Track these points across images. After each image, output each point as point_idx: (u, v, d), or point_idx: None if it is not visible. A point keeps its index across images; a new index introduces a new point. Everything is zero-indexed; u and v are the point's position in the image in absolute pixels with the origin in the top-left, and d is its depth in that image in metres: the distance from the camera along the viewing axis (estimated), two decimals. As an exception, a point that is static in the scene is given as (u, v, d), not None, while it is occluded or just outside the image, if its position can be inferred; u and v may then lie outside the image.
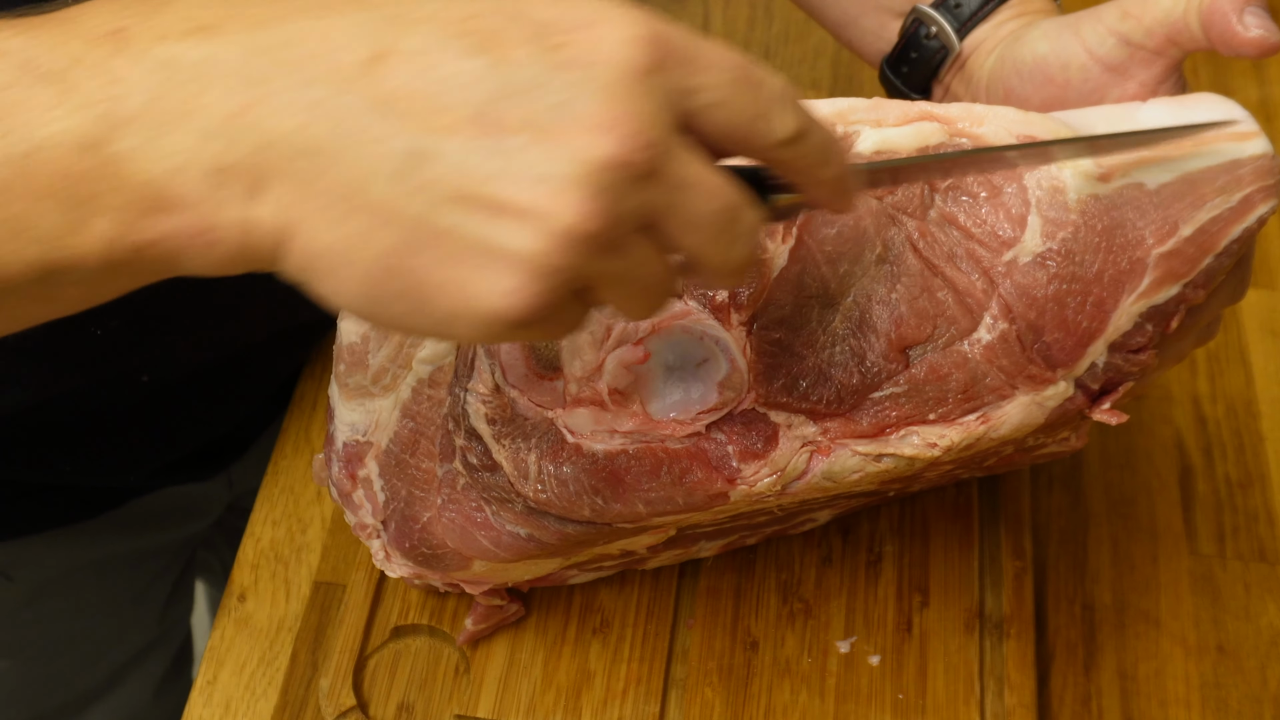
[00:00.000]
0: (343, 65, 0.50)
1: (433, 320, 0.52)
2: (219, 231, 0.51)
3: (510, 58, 0.50)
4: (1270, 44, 0.70)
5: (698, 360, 0.72)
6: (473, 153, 0.49)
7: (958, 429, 0.72)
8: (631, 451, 0.72)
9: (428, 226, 0.50)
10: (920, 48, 0.84)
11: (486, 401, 0.73)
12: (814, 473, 0.73)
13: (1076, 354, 0.71)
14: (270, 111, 0.50)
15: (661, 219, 0.52)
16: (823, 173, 0.56)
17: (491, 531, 0.76)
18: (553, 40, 0.50)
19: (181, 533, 1.22)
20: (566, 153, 0.49)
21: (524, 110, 0.49)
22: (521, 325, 0.51)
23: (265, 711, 0.89)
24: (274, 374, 1.10)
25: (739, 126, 0.53)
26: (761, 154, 0.55)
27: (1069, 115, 0.73)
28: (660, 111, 0.50)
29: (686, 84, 0.51)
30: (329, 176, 0.50)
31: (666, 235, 0.53)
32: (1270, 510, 1.00)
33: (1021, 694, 0.87)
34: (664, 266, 0.54)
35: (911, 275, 0.72)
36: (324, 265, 0.51)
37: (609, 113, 0.49)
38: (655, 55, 0.50)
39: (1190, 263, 0.70)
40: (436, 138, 0.49)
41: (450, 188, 0.49)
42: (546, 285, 0.50)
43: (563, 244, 0.49)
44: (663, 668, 0.89)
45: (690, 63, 0.52)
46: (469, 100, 0.49)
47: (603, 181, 0.49)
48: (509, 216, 0.49)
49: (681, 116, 0.52)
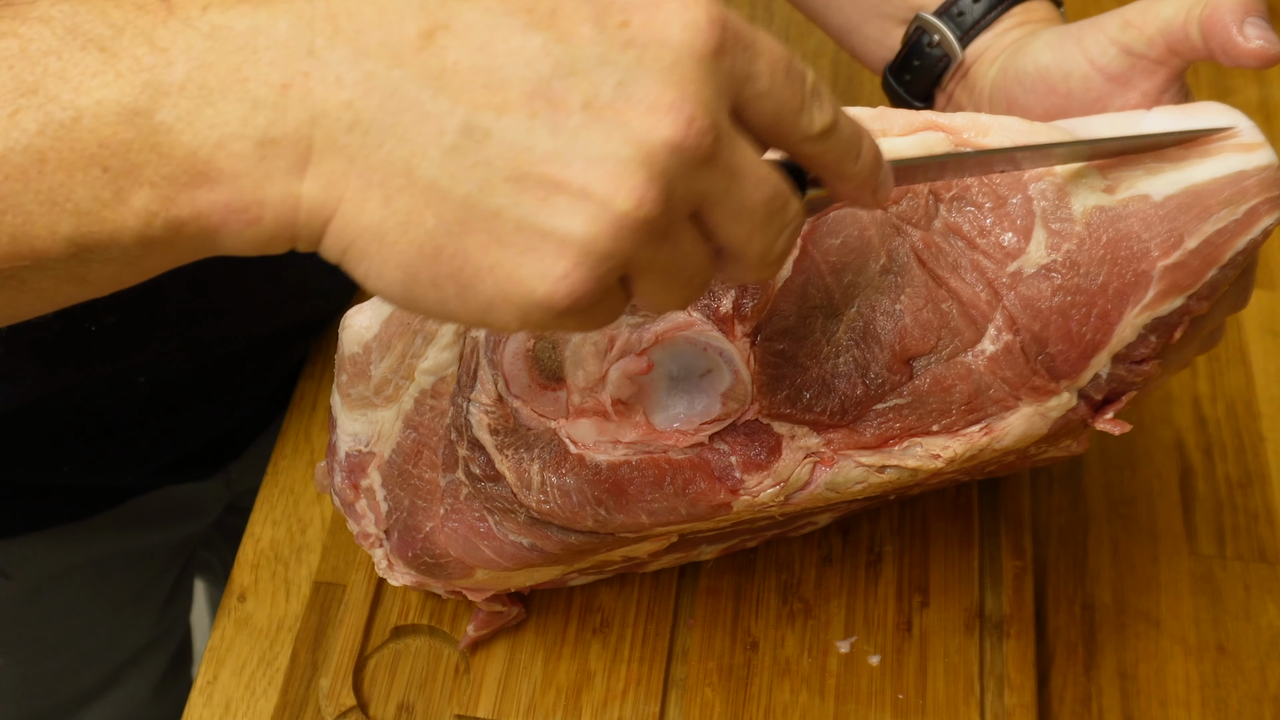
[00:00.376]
0: (397, 38, 0.49)
1: (472, 307, 0.51)
2: (262, 207, 0.50)
3: (571, 35, 0.49)
4: (1271, 55, 0.70)
5: (701, 371, 0.72)
6: (529, 131, 0.48)
7: (961, 440, 0.72)
8: (634, 462, 0.72)
9: (479, 207, 0.49)
10: (923, 56, 0.84)
11: (489, 412, 0.73)
12: (817, 484, 0.73)
13: (1080, 365, 0.71)
14: (320, 83, 0.49)
15: (712, 206, 0.51)
16: (852, 168, 0.56)
17: (494, 541, 0.76)
18: (616, 18, 0.49)
19: (180, 532, 1.22)
20: (627, 134, 0.48)
21: (584, 89, 0.48)
22: (566, 313, 0.50)
23: (265, 711, 0.89)
24: (271, 373, 1.10)
25: (782, 118, 0.52)
26: (795, 146, 0.54)
27: (1073, 124, 0.73)
28: (719, 96, 0.50)
29: (744, 70, 0.51)
30: (379, 153, 0.49)
31: (713, 223, 0.52)
32: (1270, 510, 1.00)
33: (1021, 694, 0.87)
34: (706, 256, 0.53)
35: (916, 286, 0.71)
36: (366, 245, 0.50)
37: (672, 95, 0.48)
38: (719, 38, 0.49)
39: (1195, 275, 0.70)
40: (492, 115, 0.48)
41: (504, 167, 0.48)
42: (597, 272, 0.49)
43: (619, 228, 0.48)
44: (663, 668, 0.89)
45: (749, 49, 0.51)
46: (527, 77, 0.48)
47: (663, 165, 0.48)
48: (565, 198, 0.48)
49: (735, 102, 0.51)
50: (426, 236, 0.49)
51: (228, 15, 0.49)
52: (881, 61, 0.88)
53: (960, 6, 0.82)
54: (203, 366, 1.03)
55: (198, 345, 1.00)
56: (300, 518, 0.98)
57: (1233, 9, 0.70)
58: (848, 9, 0.89)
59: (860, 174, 0.56)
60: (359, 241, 0.50)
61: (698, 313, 0.71)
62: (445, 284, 0.50)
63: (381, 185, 0.49)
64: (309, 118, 0.49)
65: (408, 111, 0.48)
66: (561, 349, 0.72)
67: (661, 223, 0.49)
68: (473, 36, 0.49)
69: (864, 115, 0.71)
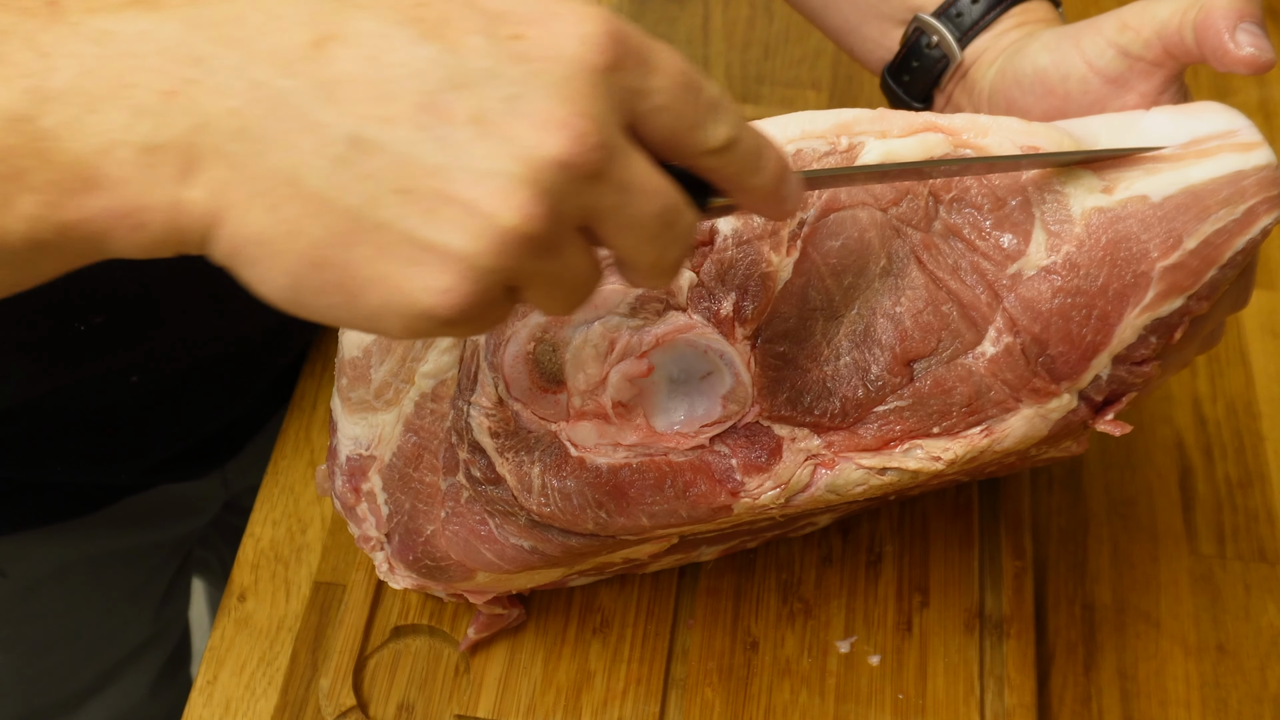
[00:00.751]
0: (287, 46, 0.48)
1: (359, 315, 0.51)
2: (148, 213, 0.49)
3: (462, 46, 0.49)
4: (1261, 62, 0.70)
5: (701, 373, 0.72)
6: (416, 144, 0.48)
7: (961, 442, 0.72)
8: (635, 465, 0.72)
9: (364, 219, 0.48)
10: (922, 57, 0.84)
11: (490, 415, 0.73)
12: (817, 486, 0.73)
13: (1081, 367, 0.71)
14: (207, 91, 0.48)
15: (601, 219, 0.51)
16: (752, 181, 0.55)
17: (495, 544, 0.76)
18: (507, 31, 0.49)
19: (177, 530, 1.22)
20: (514, 149, 0.48)
21: (473, 102, 0.48)
22: (451, 323, 0.50)
23: (265, 711, 0.89)
24: (265, 371, 1.10)
25: (678, 132, 0.52)
26: (693, 160, 0.54)
27: (1072, 124, 0.73)
28: (611, 112, 0.50)
29: (638, 85, 0.51)
30: (264, 162, 0.48)
31: (602, 235, 0.52)
32: (1270, 510, 1.00)
33: (1021, 694, 0.87)
34: (592, 266, 0.53)
35: (916, 288, 0.71)
36: (253, 253, 0.50)
37: (562, 110, 0.48)
38: (613, 54, 0.49)
39: (1194, 275, 0.70)
40: (379, 127, 0.48)
41: (390, 180, 0.48)
42: (481, 285, 0.49)
43: (503, 243, 0.48)
44: (663, 668, 0.89)
45: (644, 64, 0.51)
46: (416, 89, 0.48)
47: (549, 181, 0.48)
48: (450, 212, 0.48)
49: (629, 117, 0.51)
50: (312, 246, 0.49)
51: (114, 20, 0.49)
52: (880, 62, 0.88)
53: (959, 7, 0.82)
54: (196, 365, 1.02)
55: (189, 344, 1.00)
56: (300, 518, 0.98)
57: (1226, 14, 0.70)
58: (846, 10, 0.89)
59: (763, 187, 0.56)
60: (246, 249, 0.50)
61: (698, 315, 0.71)
62: (332, 292, 0.50)
63: (267, 194, 0.49)
64: (194, 125, 0.48)
65: (294, 121, 0.48)
66: (562, 352, 0.72)
67: (547, 237, 0.49)
68: (363, 46, 0.49)
69: (863, 116, 0.71)
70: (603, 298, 0.71)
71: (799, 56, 1.28)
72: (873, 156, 0.70)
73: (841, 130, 0.71)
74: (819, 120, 0.71)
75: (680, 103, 0.52)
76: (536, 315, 0.71)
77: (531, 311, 0.71)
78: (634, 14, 1.31)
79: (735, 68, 1.27)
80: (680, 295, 0.71)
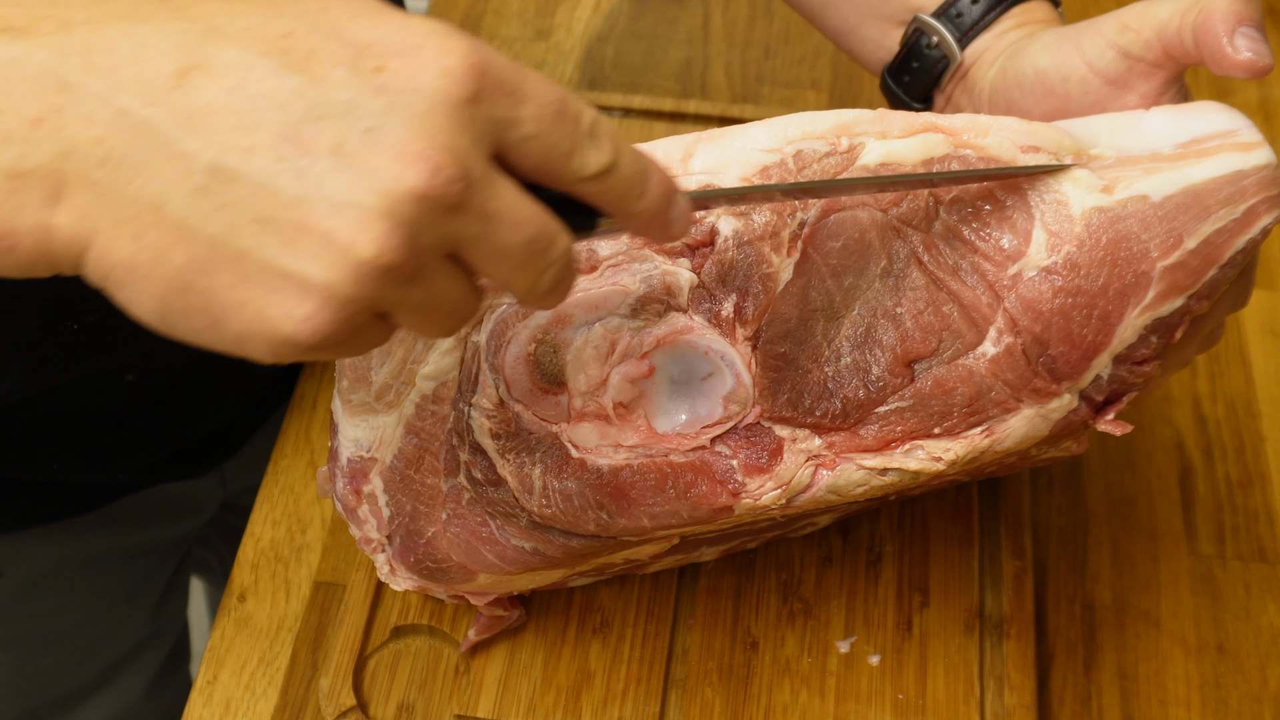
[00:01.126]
0: (152, 75, 0.49)
1: (225, 339, 0.51)
2: (17, 236, 0.50)
3: (324, 78, 0.49)
4: (1259, 67, 0.70)
5: (702, 374, 0.72)
6: (277, 175, 0.49)
7: (962, 443, 0.72)
8: (636, 466, 0.72)
9: (226, 247, 0.49)
10: (922, 57, 0.84)
11: (491, 416, 0.73)
12: (818, 486, 0.73)
13: (1081, 367, 0.71)
14: (74, 118, 0.49)
15: (468, 248, 0.52)
16: (635, 205, 0.56)
17: (496, 546, 0.76)
18: (371, 63, 0.50)
19: (175, 529, 1.22)
20: (372, 181, 0.49)
21: (333, 134, 0.49)
22: (316, 349, 0.51)
23: (265, 711, 0.89)
24: (263, 370, 1.10)
25: (551, 161, 0.53)
26: (570, 186, 0.54)
27: (1072, 124, 0.73)
28: (474, 143, 0.50)
29: (505, 116, 0.51)
30: (129, 189, 0.49)
31: (471, 262, 0.52)
32: (1270, 510, 1.00)
33: (1021, 694, 0.87)
34: (466, 292, 0.53)
35: (916, 289, 0.71)
36: (121, 277, 0.50)
37: (420, 143, 0.49)
38: (475, 86, 0.50)
39: (1195, 275, 0.70)
40: (240, 157, 0.49)
41: (251, 209, 0.49)
42: (341, 314, 0.50)
43: (359, 275, 0.49)
44: (663, 668, 0.89)
45: (511, 95, 0.51)
46: (277, 120, 0.49)
47: (407, 213, 0.49)
48: (308, 242, 0.49)
49: (496, 148, 0.52)
50: (176, 273, 0.50)
51: None
52: (880, 63, 0.88)
53: (959, 8, 0.82)
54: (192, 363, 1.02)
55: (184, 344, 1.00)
56: (300, 518, 0.98)
57: (1225, 17, 0.70)
58: (846, 10, 0.89)
59: (646, 211, 0.57)
60: (114, 273, 0.50)
61: (699, 316, 0.71)
62: (197, 317, 0.51)
63: (132, 221, 0.49)
64: (60, 152, 0.49)
65: (158, 150, 0.49)
66: (563, 353, 0.72)
67: (407, 268, 0.50)
68: (227, 77, 0.49)
69: (864, 117, 0.71)
70: (604, 299, 0.71)
71: (799, 56, 1.28)
72: (873, 157, 0.70)
73: (842, 131, 0.71)
74: (819, 121, 0.71)
75: (552, 131, 0.52)
76: (538, 316, 0.71)
77: (534, 312, 0.71)
78: (634, 14, 1.31)
79: (735, 68, 1.27)
80: (681, 296, 0.71)
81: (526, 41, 1.29)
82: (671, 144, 0.72)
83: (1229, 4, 0.70)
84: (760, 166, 0.71)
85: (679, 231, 0.59)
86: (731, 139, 0.72)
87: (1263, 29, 0.71)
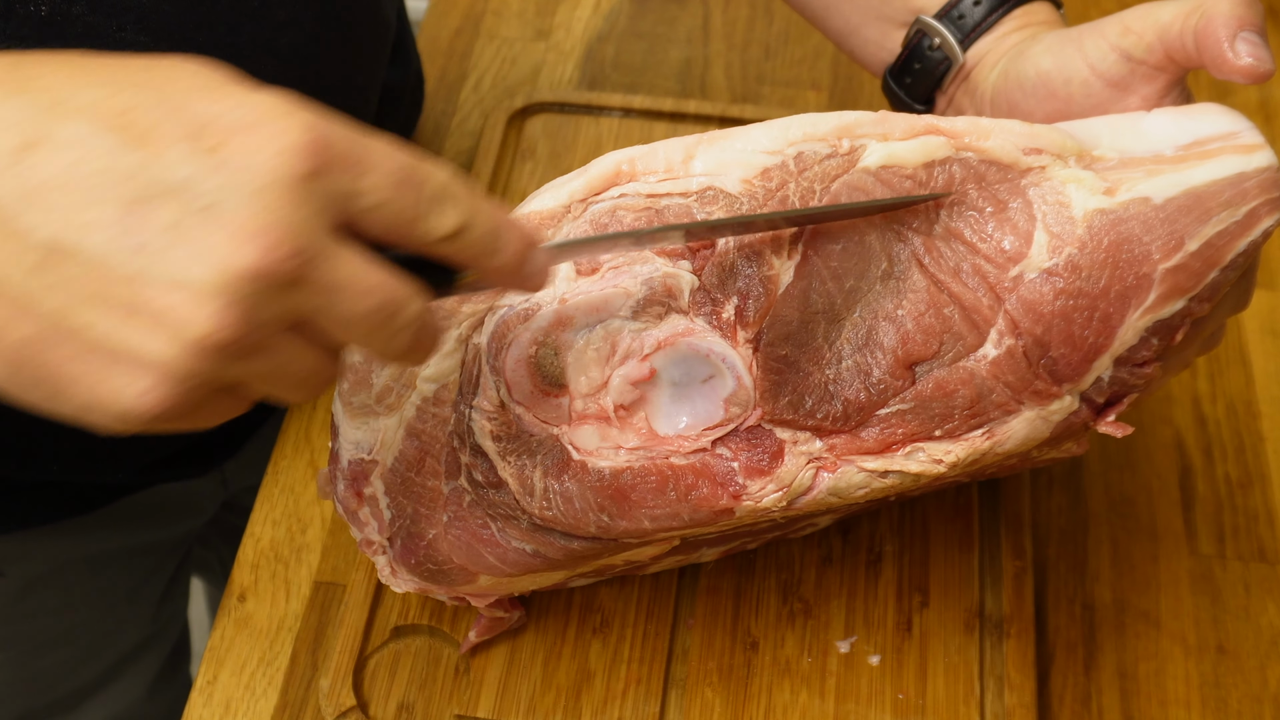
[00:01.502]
0: None
1: (69, 410, 0.52)
2: None
3: (163, 156, 0.49)
4: (1260, 72, 0.70)
5: (703, 377, 0.72)
6: (113, 252, 0.49)
7: (963, 445, 0.72)
8: (637, 468, 0.72)
9: (64, 323, 0.50)
10: (924, 59, 0.83)
11: (492, 418, 0.73)
12: (819, 489, 0.73)
13: (1082, 369, 0.71)
14: None
15: (312, 319, 0.52)
16: (491, 262, 0.57)
17: (497, 548, 0.76)
18: (209, 141, 0.50)
19: (176, 530, 1.22)
20: (208, 259, 0.49)
21: (171, 211, 0.49)
22: (159, 421, 0.51)
23: (265, 711, 0.89)
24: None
25: (399, 227, 0.53)
26: (422, 249, 0.55)
27: (1074, 126, 0.73)
28: (313, 218, 0.50)
29: (347, 188, 0.52)
30: None
31: (319, 331, 0.53)
32: (1270, 510, 1.00)
33: (1021, 694, 0.87)
34: (318, 360, 0.54)
35: (918, 291, 0.71)
36: None
37: (256, 220, 0.49)
38: (314, 162, 0.50)
39: (1196, 277, 0.70)
40: (78, 233, 0.49)
41: (87, 286, 0.49)
42: (180, 390, 0.50)
43: (195, 352, 0.50)
44: (663, 668, 0.89)
45: (353, 166, 0.52)
46: (116, 197, 0.49)
47: (242, 291, 0.49)
48: (144, 319, 0.49)
49: (340, 219, 0.52)
50: (15, 346, 0.50)
51: None
52: (882, 64, 0.88)
53: (961, 9, 0.82)
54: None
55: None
56: (300, 518, 0.98)
57: (1227, 21, 0.70)
58: (847, 11, 0.89)
59: (503, 268, 0.57)
60: None
61: (700, 318, 0.71)
62: (40, 388, 0.51)
63: None
64: None
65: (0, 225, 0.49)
66: (564, 355, 0.72)
67: (245, 344, 0.50)
68: (68, 153, 0.49)
69: (865, 119, 0.71)
70: (605, 301, 0.71)
71: (799, 56, 1.28)
72: (874, 160, 0.70)
73: (843, 133, 0.71)
74: (820, 123, 0.71)
75: (397, 199, 0.53)
76: (539, 319, 0.71)
77: (535, 314, 0.71)
78: (634, 14, 1.31)
79: (735, 68, 1.27)
80: (682, 299, 0.71)
81: (526, 41, 1.29)
82: (673, 145, 0.72)
83: (1231, 8, 0.70)
84: (761, 168, 0.71)
85: (537, 285, 0.60)
86: (733, 140, 0.72)
87: (1264, 34, 0.71)
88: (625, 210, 0.71)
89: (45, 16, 0.76)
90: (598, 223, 0.71)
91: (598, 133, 1.19)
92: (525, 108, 1.19)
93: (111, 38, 0.79)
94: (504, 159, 1.16)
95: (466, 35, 1.29)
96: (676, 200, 0.71)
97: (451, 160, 1.18)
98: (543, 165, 1.16)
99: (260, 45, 0.86)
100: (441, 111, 1.23)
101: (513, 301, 0.72)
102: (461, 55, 1.28)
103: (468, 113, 1.23)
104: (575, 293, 0.71)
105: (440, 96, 1.24)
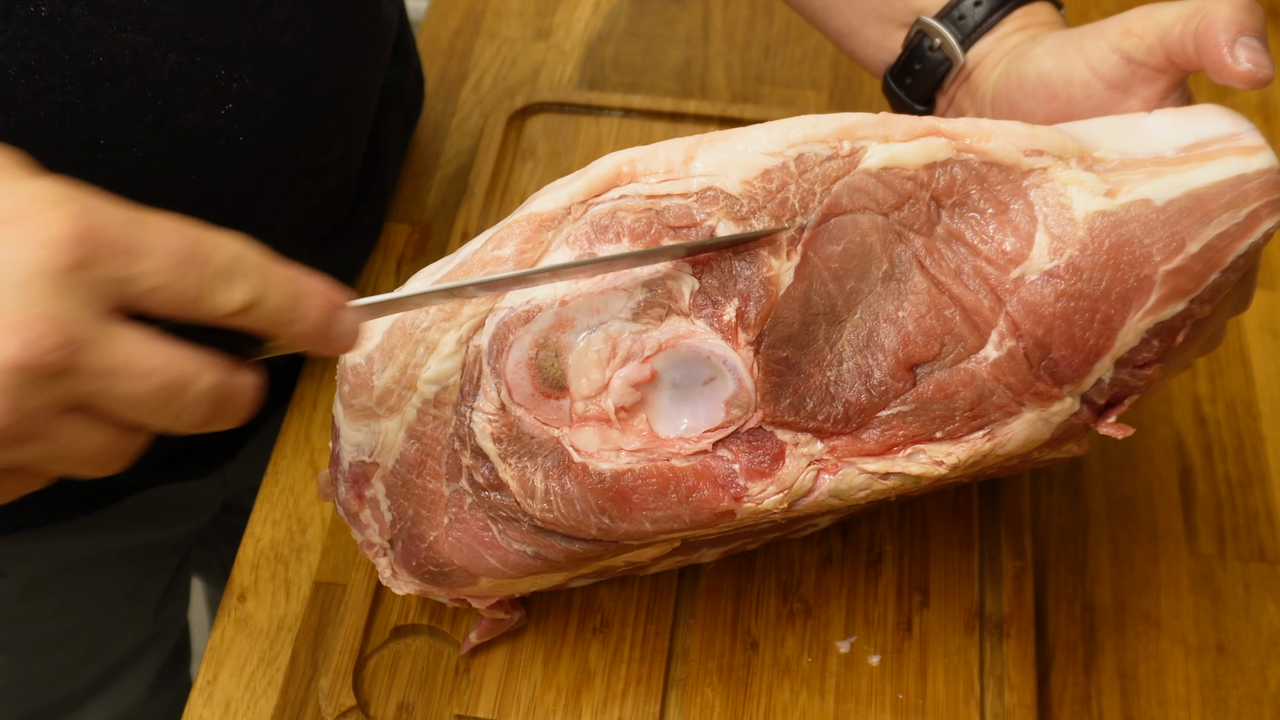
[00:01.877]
0: None
1: None
2: None
3: None
4: (1259, 78, 0.70)
5: (704, 379, 0.72)
6: None
7: (964, 446, 0.72)
8: (638, 470, 0.72)
9: None
10: (924, 59, 0.83)
11: (492, 420, 0.73)
12: (820, 490, 0.73)
13: (1084, 370, 0.71)
14: None
15: (90, 404, 0.52)
16: (291, 330, 0.57)
17: (498, 550, 0.76)
18: None
19: (176, 530, 1.22)
20: None
21: None
22: None
23: (265, 711, 0.89)
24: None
25: (184, 305, 0.54)
26: (214, 323, 0.55)
27: (1075, 127, 0.73)
28: (83, 306, 0.51)
29: (119, 274, 0.52)
30: None
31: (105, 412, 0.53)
32: (1270, 510, 1.00)
33: (1021, 694, 0.87)
34: (107, 437, 0.54)
35: (919, 293, 0.71)
36: None
37: (18, 314, 0.49)
38: (80, 252, 0.50)
39: (1197, 279, 0.70)
40: None
41: None
42: None
43: None
44: (663, 668, 0.89)
45: (126, 253, 0.52)
46: None
47: (6, 383, 0.50)
48: None
49: (115, 304, 0.52)
50: None
51: None
52: (882, 65, 0.88)
53: (961, 10, 0.82)
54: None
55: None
56: (300, 518, 0.98)
57: (1226, 26, 0.70)
58: (848, 12, 0.89)
59: (306, 333, 0.57)
60: None
61: (701, 320, 0.71)
62: None
63: None
64: None
65: None
66: (565, 357, 0.72)
67: (15, 432, 0.51)
68: None
69: (866, 121, 0.71)
70: (606, 303, 0.71)
71: (799, 56, 1.28)
72: (875, 161, 0.70)
73: (844, 134, 0.71)
74: (821, 125, 0.71)
75: (179, 280, 0.53)
76: (539, 320, 0.71)
77: (535, 315, 0.71)
78: (634, 14, 1.31)
79: (735, 68, 1.27)
80: (683, 301, 0.71)
81: (526, 41, 1.29)
82: (673, 146, 0.72)
83: (1231, 13, 0.70)
84: (761, 169, 0.71)
85: (345, 346, 0.60)
86: (733, 141, 0.71)
87: (1264, 39, 0.71)
88: (625, 211, 0.71)
89: (45, 17, 0.76)
90: (598, 224, 0.71)
91: (598, 133, 1.19)
92: (525, 108, 1.19)
93: (111, 38, 0.79)
94: (504, 159, 1.16)
95: (466, 35, 1.29)
96: (677, 201, 0.70)
97: (451, 160, 1.18)
98: (543, 165, 1.16)
99: (260, 45, 0.86)
100: (441, 111, 1.23)
101: (514, 303, 0.71)
102: (461, 55, 1.28)
103: (468, 113, 1.23)
104: (576, 294, 0.71)
105: (440, 96, 1.24)
